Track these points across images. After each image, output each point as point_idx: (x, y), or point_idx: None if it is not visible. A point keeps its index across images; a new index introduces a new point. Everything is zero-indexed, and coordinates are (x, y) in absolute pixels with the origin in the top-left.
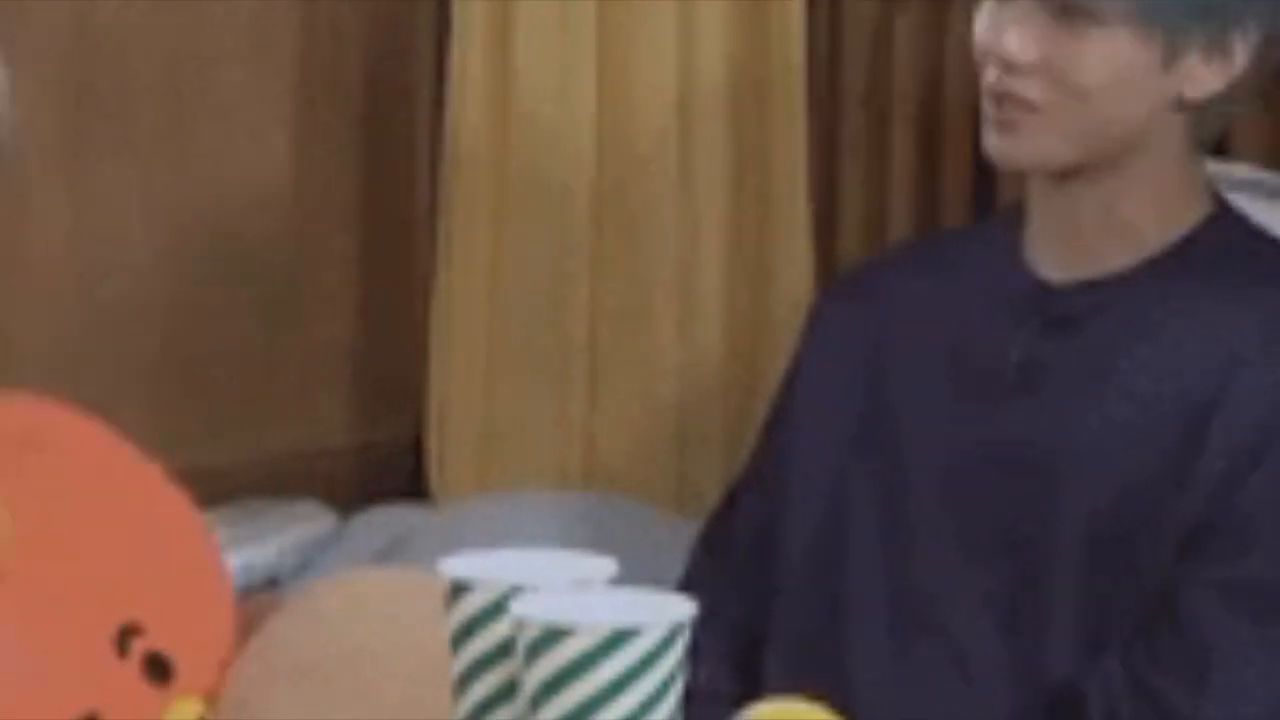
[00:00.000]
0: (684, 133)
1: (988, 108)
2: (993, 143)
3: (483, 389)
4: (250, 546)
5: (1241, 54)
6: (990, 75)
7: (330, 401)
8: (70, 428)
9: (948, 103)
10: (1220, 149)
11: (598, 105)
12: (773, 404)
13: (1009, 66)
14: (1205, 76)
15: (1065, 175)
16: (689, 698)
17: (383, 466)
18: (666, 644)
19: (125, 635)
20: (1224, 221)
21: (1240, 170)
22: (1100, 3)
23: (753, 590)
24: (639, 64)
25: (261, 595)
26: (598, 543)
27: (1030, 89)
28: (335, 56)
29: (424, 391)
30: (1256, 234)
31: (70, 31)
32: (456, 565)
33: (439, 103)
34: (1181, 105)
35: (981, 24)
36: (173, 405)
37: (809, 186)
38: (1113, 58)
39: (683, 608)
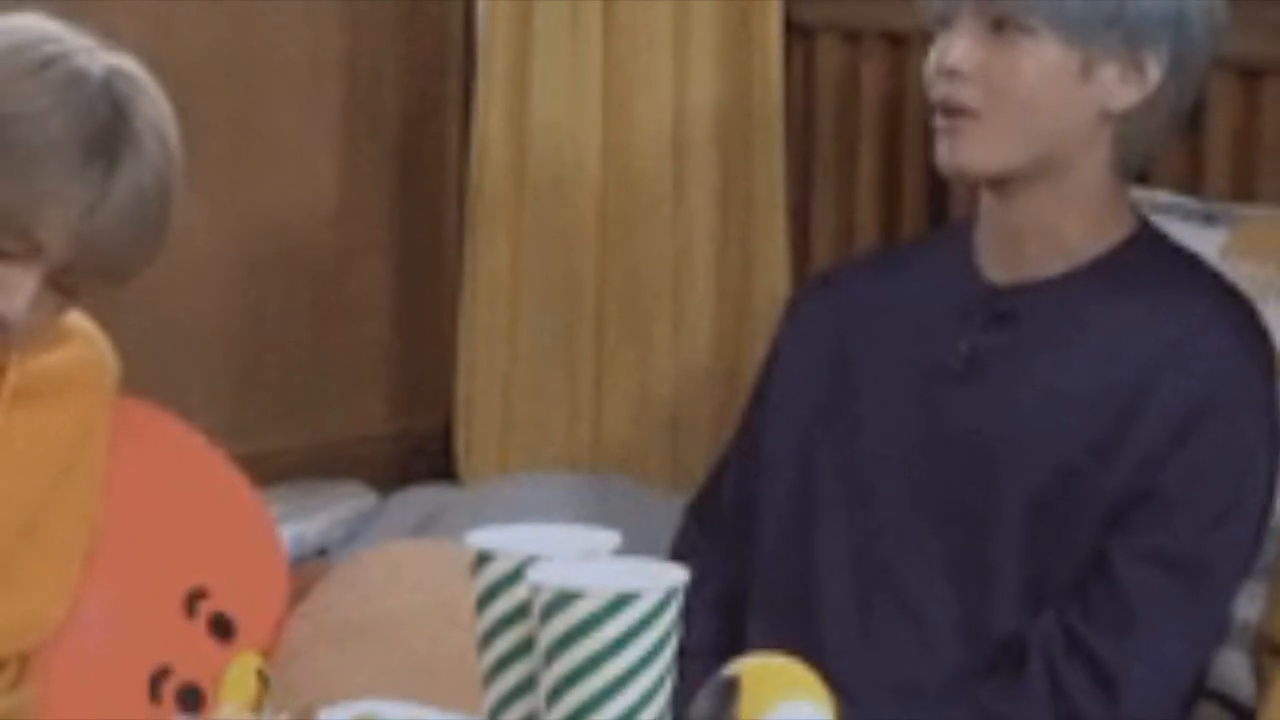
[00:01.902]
0: (678, 161)
1: (937, 120)
2: (940, 151)
3: (503, 385)
4: (302, 521)
5: (1154, 72)
6: (939, 90)
7: (371, 395)
8: (147, 419)
9: (906, 135)
10: (1142, 177)
11: (603, 140)
12: (753, 388)
13: (952, 74)
14: (1122, 91)
15: (1006, 188)
16: (681, 654)
17: (417, 452)
18: (663, 606)
19: (194, 598)
20: (1148, 238)
21: (1161, 196)
22: (1026, 14)
23: (736, 556)
24: (639, 103)
25: (311, 563)
26: (603, 518)
27: (972, 96)
28: (375, 98)
29: (453, 387)
30: (1176, 249)
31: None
32: (481, 538)
33: (465, 138)
34: (1105, 118)
35: (933, 52)
36: (235, 399)
37: (787, 206)
38: (1041, 66)
39: (677, 575)
